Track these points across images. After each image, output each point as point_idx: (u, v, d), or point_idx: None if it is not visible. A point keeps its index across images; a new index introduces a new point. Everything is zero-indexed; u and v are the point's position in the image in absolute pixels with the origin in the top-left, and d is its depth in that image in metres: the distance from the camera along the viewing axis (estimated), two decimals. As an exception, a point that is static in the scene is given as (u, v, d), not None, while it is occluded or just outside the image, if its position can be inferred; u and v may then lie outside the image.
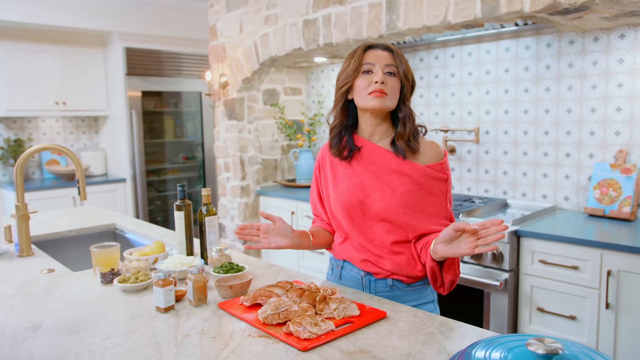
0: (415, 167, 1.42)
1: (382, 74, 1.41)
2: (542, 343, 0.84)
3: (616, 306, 2.09)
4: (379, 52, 1.45)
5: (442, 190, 1.44)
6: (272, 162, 4.10)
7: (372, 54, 1.44)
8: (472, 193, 3.18)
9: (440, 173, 1.44)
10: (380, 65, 1.42)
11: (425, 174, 1.42)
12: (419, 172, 1.42)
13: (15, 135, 4.77)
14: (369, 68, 1.43)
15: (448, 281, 1.40)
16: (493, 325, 2.40)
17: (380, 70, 1.42)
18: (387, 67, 1.42)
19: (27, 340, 1.20)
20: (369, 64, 1.43)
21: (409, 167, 1.43)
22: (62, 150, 2.05)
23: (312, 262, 3.48)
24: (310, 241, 1.56)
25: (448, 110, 3.24)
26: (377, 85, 1.40)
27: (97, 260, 1.70)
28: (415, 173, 1.42)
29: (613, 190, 2.50)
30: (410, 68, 1.46)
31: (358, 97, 1.45)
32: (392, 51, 1.45)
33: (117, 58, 4.79)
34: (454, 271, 1.39)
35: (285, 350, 1.12)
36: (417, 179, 1.42)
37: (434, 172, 1.43)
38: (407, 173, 1.42)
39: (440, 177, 1.44)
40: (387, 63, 1.42)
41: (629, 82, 2.51)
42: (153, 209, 5.24)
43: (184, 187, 1.79)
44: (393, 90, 1.42)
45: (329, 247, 1.66)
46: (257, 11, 3.46)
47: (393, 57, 1.44)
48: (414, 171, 1.42)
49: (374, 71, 1.42)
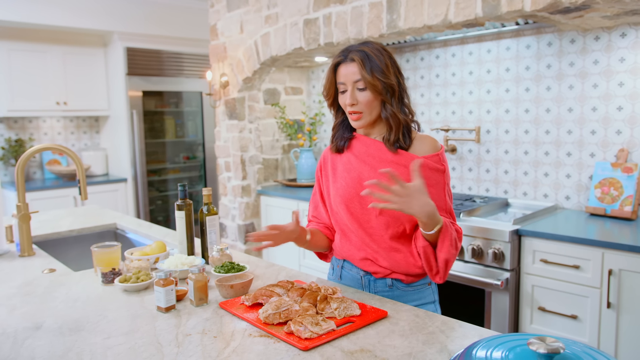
0: (411, 157, 1.43)
1: (352, 93, 1.42)
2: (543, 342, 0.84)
3: (617, 305, 2.09)
4: (346, 68, 1.43)
5: (439, 182, 1.44)
6: (273, 162, 4.10)
7: (341, 72, 1.45)
8: (473, 192, 3.18)
9: (437, 164, 1.43)
10: (349, 83, 1.43)
11: (422, 164, 1.42)
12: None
13: (17, 136, 4.77)
14: (343, 88, 1.45)
15: (442, 260, 1.36)
16: (494, 325, 2.39)
17: (351, 88, 1.42)
18: (356, 83, 1.42)
19: (28, 340, 1.20)
20: (340, 83, 1.45)
21: (406, 158, 1.43)
22: (63, 150, 2.05)
23: (313, 262, 3.48)
24: (306, 238, 1.56)
25: (449, 110, 3.24)
26: (349, 108, 1.44)
27: (98, 260, 1.70)
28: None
29: (614, 190, 2.49)
30: (386, 67, 1.40)
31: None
32: (357, 61, 1.40)
33: (117, 58, 4.79)
34: (447, 248, 1.34)
35: (286, 349, 1.12)
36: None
37: (430, 162, 1.42)
38: (403, 164, 1.43)
39: (437, 167, 1.43)
40: (355, 79, 1.41)
41: (630, 81, 2.50)
42: (154, 209, 5.24)
43: (185, 187, 1.79)
44: (367, 104, 1.43)
45: (323, 249, 1.66)
46: (257, 11, 3.46)
47: (358, 69, 1.40)
48: (410, 162, 1.42)
49: (347, 89, 1.44)
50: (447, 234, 1.34)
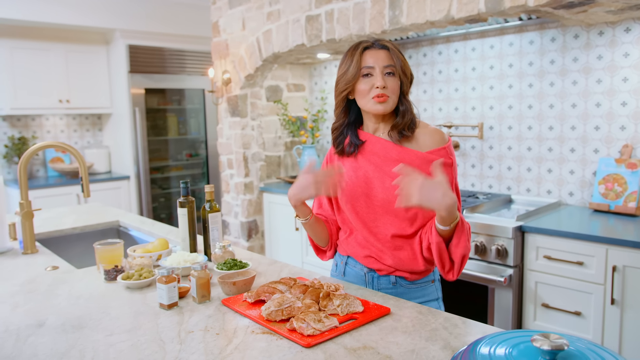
0: (415, 154, 1.42)
1: (382, 76, 1.41)
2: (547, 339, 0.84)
3: (621, 302, 2.08)
4: (376, 52, 1.43)
5: (447, 175, 1.42)
6: (275, 159, 4.10)
7: (370, 55, 1.43)
8: (476, 189, 3.17)
9: (444, 157, 1.41)
10: (379, 67, 1.42)
11: (427, 160, 1.40)
12: (420, 159, 1.41)
13: (20, 134, 4.78)
14: (368, 71, 1.43)
15: (459, 255, 1.33)
16: (497, 322, 2.39)
17: (380, 72, 1.41)
18: (385, 68, 1.42)
19: (31, 337, 1.21)
20: (368, 67, 1.43)
21: (410, 155, 1.42)
22: (65, 148, 2.05)
23: (315, 259, 3.48)
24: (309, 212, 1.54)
25: (452, 106, 3.23)
26: (379, 90, 1.41)
27: (101, 257, 1.70)
28: (416, 160, 1.41)
29: (618, 186, 2.48)
30: (406, 61, 1.46)
31: (361, 100, 1.46)
32: (388, 48, 1.44)
33: (120, 55, 4.79)
34: (464, 243, 1.32)
35: (289, 346, 1.12)
36: (418, 166, 1.40)
37: (436, 157, 1.41)
38: (407, 161, 1.41)
39: (444, 161, 1.41)
40: (385, 64, 1.42)
41: (635, 77, 2.49)
42: (157, 206, 5.25)
43: (187, 184, 1.79)
44: (393, 90, 1.43)
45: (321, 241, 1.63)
46: (259, 7, 3.45)
47: (390, 55, 1.43)
48: (414, 159, 1.41)
49: (374, 74, 1.42)
50: (463, 229, 1.32)
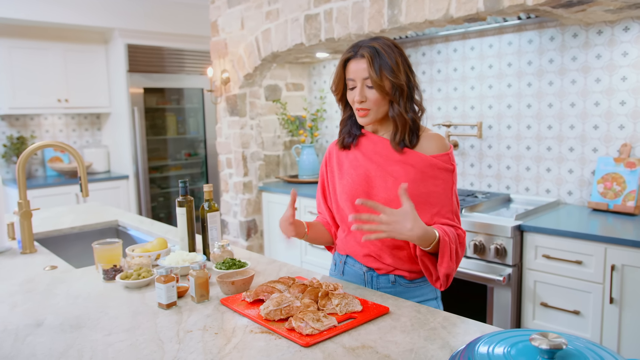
0: (419, 156, 1.42)
1: (360, 89, 1.41)
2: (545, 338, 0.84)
3: (620, 301, 2.08)
4: (357, 63, 1.40)
5: (447, 181, 1.42)
6: (274, 158, 4.10)
7: (351, 67, 1.42)
8: (475, 188, 3.17)
9: (446, 163, 1.42)
10: (359, 80, 1.41)
11: (429, 164, 1.41)
12: (423, 161, 1.41)
13: (18, 133, 4.77)
14: (351, 85, 1.43)
15: (443, 275, 1.36)
16: (496, 321, 2.39)
17: (360, 85, 1.41)
18: (365, 81, 1.40)
19: (29, 336, 1.20)
20: (349, 79, 1.43)
21: (413, 157, 1.42)
22: (64, 147, 2.05)
23: (314, 258, 3.48)
24: (304, 231, 1.56)
25: (450, 105, 3.23)
26: (357, 105, 1.42)
27: (100, 257, 1.70)
28: (420, 163, 1.41)
29: (617, 185, 2.48)
30: (397, 64, 1.38)
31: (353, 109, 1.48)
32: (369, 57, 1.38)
33: (118, 55, 4.78)
34: (446, 263, 1.33)
35: (288, 346, 1.12)
36: (421, 168, 1.40)
37: (439, 162, 1.41)
38: (411, 163, 1.41)
39: (446, 167, 1.42)
40: (364, 76, 1.39)
41: (633, 75, 2.49)
42: (155, 206, 5.24)
43: (186, 183, 1.79)
44: (374, 102, 1.41)
45: (326, 244, 1.65)
46: (258, 7, 3.45)
47: (369, 66, 1.37)
48: (417, 161, 1.41)
49: (356, 86, 1.42)
50: (445, 248, 1.32)
